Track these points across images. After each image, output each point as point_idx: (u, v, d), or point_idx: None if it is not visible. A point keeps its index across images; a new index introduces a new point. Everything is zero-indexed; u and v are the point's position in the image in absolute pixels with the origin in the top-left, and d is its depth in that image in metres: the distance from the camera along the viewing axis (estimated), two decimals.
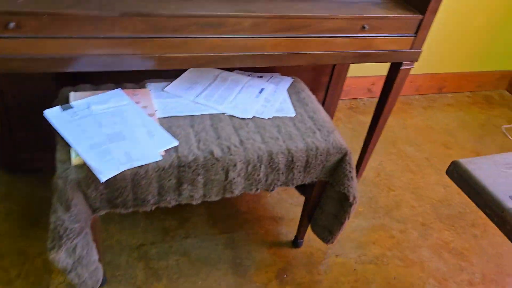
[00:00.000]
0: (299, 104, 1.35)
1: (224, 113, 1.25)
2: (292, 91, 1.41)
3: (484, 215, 1.87)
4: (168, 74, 1.33)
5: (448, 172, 0.89)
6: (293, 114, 1.30)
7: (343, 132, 2.19)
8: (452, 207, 1.88)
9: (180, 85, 1.32)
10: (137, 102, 1.19)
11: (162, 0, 1.12)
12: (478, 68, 2.68)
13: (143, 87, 1.28)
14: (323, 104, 1.87)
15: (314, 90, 1.82)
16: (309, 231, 1.50)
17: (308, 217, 1.46)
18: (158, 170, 1.05)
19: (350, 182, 1.25)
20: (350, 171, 1.24)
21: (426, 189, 1.95)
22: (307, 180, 1.26)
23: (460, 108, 2.59)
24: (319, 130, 1.26)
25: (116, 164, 0.99)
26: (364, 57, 1.38)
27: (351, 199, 1.27)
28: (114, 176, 0.99)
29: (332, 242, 1.43)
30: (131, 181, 1.04)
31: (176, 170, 1.07)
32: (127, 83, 1.28)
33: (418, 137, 2.27)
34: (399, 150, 2.15)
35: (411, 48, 1.42)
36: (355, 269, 1.54)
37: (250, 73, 1.46)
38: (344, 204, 1.31)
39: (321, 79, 1.81)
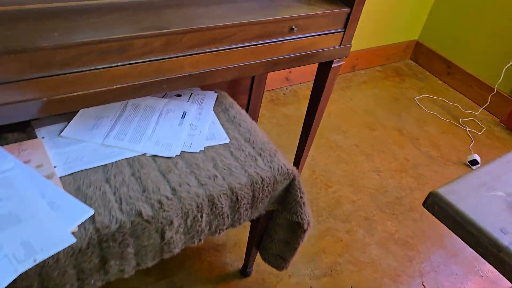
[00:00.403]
0: (231, 126, 1.16)
1: (144, 154, 1.01)
2: (220, 109, 1.21)
3: (420, 196, 1.90)
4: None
5: (426, 206, 0.79)
6: (227, 140, 1.11)
7: (269, 129, 2.04)
8: (389, 194, 1.86)
9: (80, 125, 1.04)
10: (26, 162, 0.90)
11: (41, 28, 0.83)
12: (385, 41, 2.70)
13: (32, 136, 0.99)
14: (247, 108, 1.70)
15: (236, 95, 1.63)
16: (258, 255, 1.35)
17: (256, 244, 1.30)
18: (74, 254, 0.80)
19: (303, 208, 1.11)
20: (301, 197, 1.10)
21: (361, 178, 1.90)
22: (255, 215, 1.09)
23: (375, 85, 2.59)
24: (260, 155, 1.08)
25: (12, 266, 0.72)
26: (296, 61, 1.22)
27: (305, 226, 1.13)
28: (13, 281, 0.73)
29: (286, 268, 1.29)
30: (38, 276, 0.78)
31: (97, 247, 0.83)
32: (8, 135, 0.97)
33: (343, 123, 2.21)
34: (328, 140, 2.08)
35: (341, 44, 1.29)
36: (311, 287, 1.43)
37: (165, 93, 1.22)
38: (296, 230, 1.17)
39: (242, 82, 1.62)
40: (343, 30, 1.26)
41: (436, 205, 0.76)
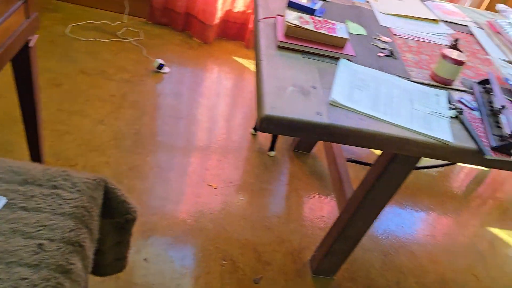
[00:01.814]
0: None
1: None
2: None
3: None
4: None
5: (262, 129, 0.87)
6: (4, 200, 0.82)
7: None
8: (126, 134, 1.84)
9: None
10: None
11: None
12: None
13: None
14: None
15: None
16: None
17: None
18: None
19: (130, 203, 1.01)
20: (122, 193, 0.99)
21: (96, 137, 1.77)
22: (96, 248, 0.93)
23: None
24: (56, 187, 0.87)
25: None
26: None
27: (136, 215, 1.05)
28: None
29: (126, 266, 1.20)
30: None
31: None
32: None
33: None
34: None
35: (28, 17, 1.05)
36: None
37: None
38: (126, 226, 1.08)
39: None
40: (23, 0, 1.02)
41: (272, 124, 0.87)
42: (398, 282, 1.58)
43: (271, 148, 1.96)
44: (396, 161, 1.17)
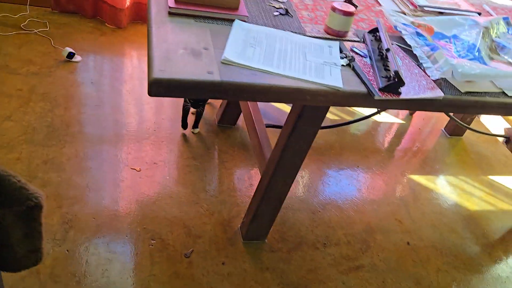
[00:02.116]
0: None
1: None
2: None
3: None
4: None
5: (154, 93, 0.85)
6: None
7: None
8: (37, 128, 1.74)
9: None
10: None
11: None
12: None
13: None
14: None
15: None
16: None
17: None
18: None
19: (29, 188, 0.96)
20: (18, 180, 0.94)
21: (4, 134, 1.67)
22: None
23: None
24: None
25: None
26: None
27: (41, 202, 1.00)
28: None
29: (42, 258, 1.15)
30: None
31: None
32: None
33: None
34: None
35: None
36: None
37: None
38: (31, 214, 1.03)
39: None
40: None
41: (161, 87, 0.85)
42: (327, 236, 1.65)
43: (195, 126, 1.94)
44: (303, 118, 1.21)
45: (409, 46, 1.21)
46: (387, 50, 1.06)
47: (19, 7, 2.44)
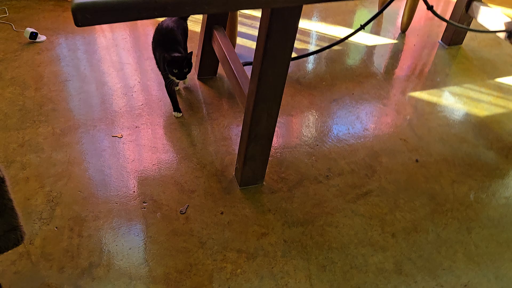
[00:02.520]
0: None
1: None
2: None
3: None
4: None
5: (82, 23, 0.74)
6: None
7: None
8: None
9: None
10: None
11: None
12: None
13: None
14: None
15: None
16: None
17: None
18: None
19: None
20: None
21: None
22: None
23: None
24: None
25: None
26: None
27: (2, 175, 0.92)
28: None
29: (24, 236, 1.08)
30: None
31: None
32: None
33: None
34: None
35: None
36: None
37: None
38: None
39: None
40: None
41: (88, 13, 0.74)
42: (329, 168, 1.55)
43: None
44: (274, 30, 1.08)
45: None
46: None
47: None
